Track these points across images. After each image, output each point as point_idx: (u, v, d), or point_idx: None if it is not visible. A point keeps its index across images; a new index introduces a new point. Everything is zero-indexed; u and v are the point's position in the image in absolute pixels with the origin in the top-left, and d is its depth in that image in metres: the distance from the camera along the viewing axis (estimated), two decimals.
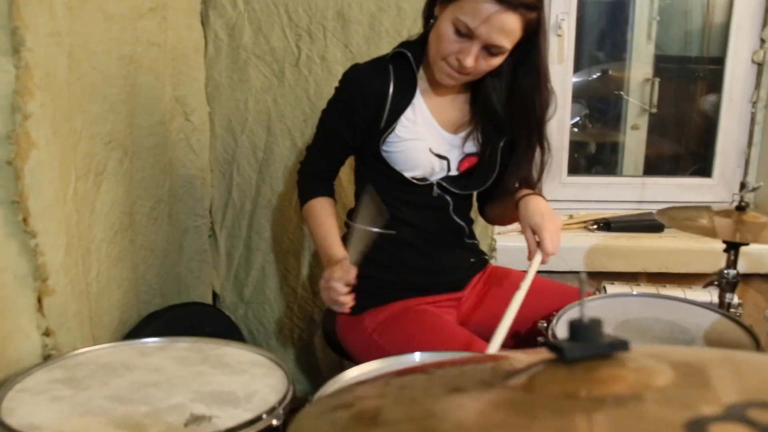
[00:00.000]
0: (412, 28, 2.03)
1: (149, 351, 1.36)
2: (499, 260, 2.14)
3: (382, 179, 1.56)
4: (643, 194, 2.38)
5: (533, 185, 1.62)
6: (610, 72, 2.46)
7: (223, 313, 2.17)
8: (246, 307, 2.27)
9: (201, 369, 1.28)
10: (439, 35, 1.40)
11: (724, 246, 1.77)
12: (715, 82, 2.37)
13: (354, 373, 1.21)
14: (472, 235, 1.71)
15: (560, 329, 1.44)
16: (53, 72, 1.32)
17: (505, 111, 1.55)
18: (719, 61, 2.33)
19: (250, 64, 2.07)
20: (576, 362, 0.65)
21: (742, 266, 1.95)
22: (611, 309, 1.57)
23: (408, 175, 1.53)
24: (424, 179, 1.55)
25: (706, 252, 2.22)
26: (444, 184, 1.57)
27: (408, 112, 1.51)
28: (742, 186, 1.71)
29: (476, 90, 1.57)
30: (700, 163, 2.45)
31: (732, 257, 1.72)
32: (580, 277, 0.73)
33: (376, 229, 1.45)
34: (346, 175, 2.13)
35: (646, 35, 2.40)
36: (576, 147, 2.47)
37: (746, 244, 1.71)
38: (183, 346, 1.39)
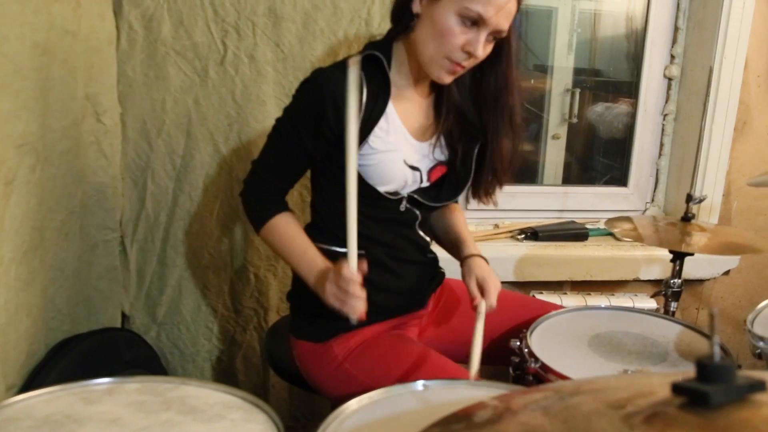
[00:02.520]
0: (349, 28, 1.92)
1: (96, 396, 1.15)
2: None
3: (359, 196, 1.39)
4: (565, 203, 2.40)
5: (498, 187, 1.58)
6: (531, 81, 2.47)
7: (140, 337, 1.94)
8: (159, 328, 2.05)
9: (167, 417, 1.08)
10: (441, 31, 1.28)
11: (654, 260, 1.81)
12: (627, 96, 2.44)
13: (354, 407, 1.08)
14: (431, 250, 1.63)
15: (535, 346, 1.39)
16: None
17: (472, 112, 1.46)
18: (636, 75, 2.40)
19: (169, 61, 1.87)
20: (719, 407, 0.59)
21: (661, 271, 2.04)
22: (580, 323, 1.55)
23: (382, 189, 1.40)
24: (395, 193, 1.43)
25: (628, 260, 2.28)
26: (415, 196, 1.46)
27: (382, 122, 1.37)
28: (689, 198, 1.74)
29: (439, 93, 1.47)
30: (614, 172, 2.51)
31: (677, 267, 1.75)
32: (712, 312, 0.67)
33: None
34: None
35: (567, 46, 2.42)
36: None
37: (691, 254, 1.74)
38: (134, 387, 1.18)
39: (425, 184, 1.47)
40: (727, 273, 2.46)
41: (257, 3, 1.86)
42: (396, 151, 1.40)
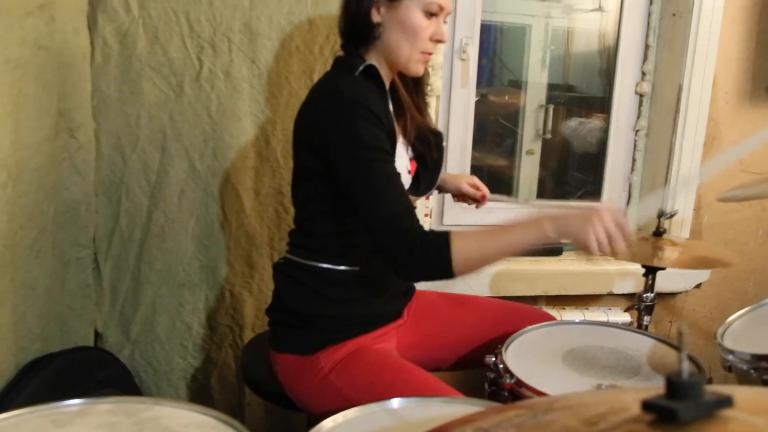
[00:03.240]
0: (324, 45, 1.93)
1: (66, 419, 1.13)
2: None
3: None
4: None
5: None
6: (506, 97, 2.50)
7: (113, 355, 1.92)
8: (132, 346, 2.02)
9: None
10: (411, 29, 1.38)
11: (628, 274, 1.83)
12: (601, 112, 2.48)
13: (329, 425, 1.08)
14: None
15: (510, 362, 1.40)
16: None
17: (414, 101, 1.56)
18: (608, 91, 2.43)
19: (144, 77, 1.86)
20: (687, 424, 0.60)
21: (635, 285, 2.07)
22: (554, 338, 1.56)
23: None
24: None
25: (601, 274, 2.31)
26: None
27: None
28: (661, 213, 1.77)
29: (392, 92, 1.52)
30: (588, 187, 2.54)
31: (650, 281, 1.77)
32: (680, 329, 0.68)
33: None
34: (250, 200, 1.97)
35: (540, 62, 2.45)
36: (472, 171, 2.47)
37: (663, 269, 1.76)
38: (106, 408, 1.16)
39: (409, 180, 1.53)
40: (698, 286, 2.50)
41: (233, 19, 1.87)
42: (401, 156, 1.46)
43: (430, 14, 1.39)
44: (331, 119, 1.33)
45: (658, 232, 1.78)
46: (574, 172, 2.61)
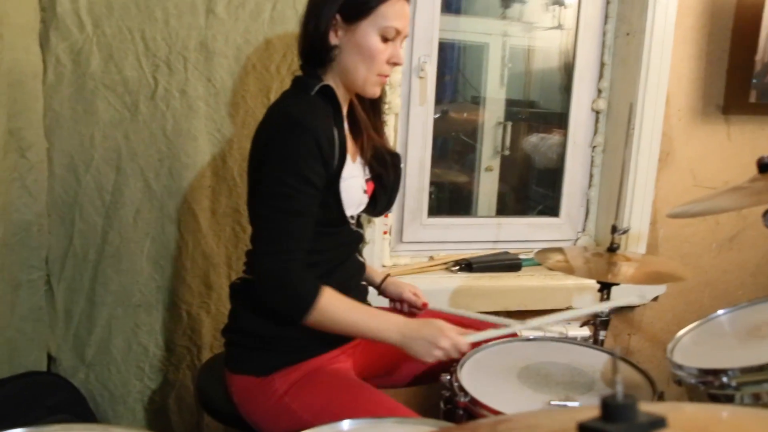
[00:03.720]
0: (281, 63, 1.93)
1: None
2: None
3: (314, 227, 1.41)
4: (499, 234, 2.44)
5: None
6: (465, 114, 2.52)
7: (65, 380, 1.88)
8: (87, 370, 1.98)
9: None
10: (368, 52, 1.40)
11: (586, 288, 1.85)
12: (560, 128, 2.51)
13: None
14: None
15: (465, 380, 1.40)
16: None
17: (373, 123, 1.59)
18: (565, 108, 2.47)
19: (98, 95, 1.84)
20: None
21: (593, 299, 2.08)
22: (510, 355, 1.56)
23: (349, 214, 1.47)
24: (352, 216, 1.51)
25: (560, 289, 2.33)
26: (360, 215, 1.55)
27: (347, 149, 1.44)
28: (614, 229, 1.79)
29: (349, 113, 1.55)
30: (548, 203, 2.57)
31: (605, 296, 1.79)
32: (613, 353, 0.69)
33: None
34: (207, 220, 1.96)
35: (498, 80, 2.48)
36: (433, 188, 2.49)
37: (617, 284, 1.79)
38: None
39: (366, 200, 1.55)
40: (656, 299, 2.54)
41: (189, 37, 1.86)
42: (355, 176, 1.48)
43: (387, 38, 1.41)
44: (273, 138, 1.36)
45: (612, 248, 1.81)
46: (535, 188, 2.64)
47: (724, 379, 1.19)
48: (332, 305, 1.34)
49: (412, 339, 1.35)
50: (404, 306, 1.73)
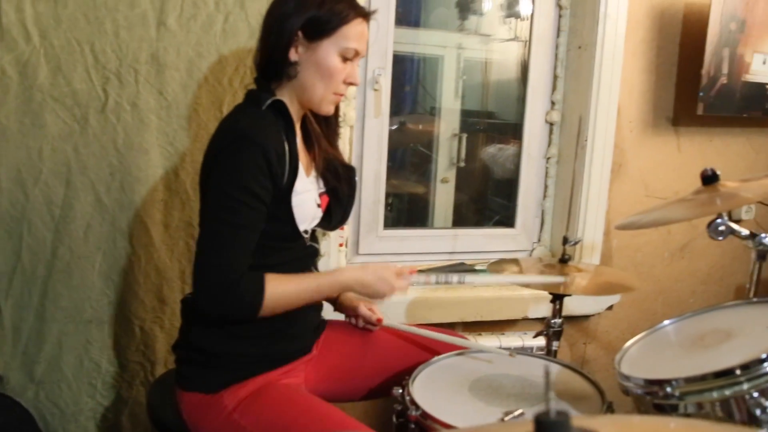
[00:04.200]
0: (234, 76, 1.92)
1: None
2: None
3: (266, 241, 1.41)
4: (455, 245, 2.46)
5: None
6: (420, 126, 2.53)
7: (11, 399, 1.84)
8: (37, 388, 1.94)
9: None
10: (327, 71, 1.42)
11: (541, 298, 1.87)
12: (516, 139, 2.54)
13: None
14: None
15: (417, 393, 1.41)
16: None
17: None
18: (520, 119, 2.50)
19: (47, 108, 1.81)
20: None
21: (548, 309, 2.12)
22: (462, 367, 1.57)
23: (302, 228, 1.47)
24: (306, 231, 1.51)
25: (516, 299, 2.35)
26: (315, 229, 1.56)
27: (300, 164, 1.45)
28: (565, 240, 1.82)
29: (303, 127, 1.57)
30: (503, 213, 2.59)
31: (558, 307, 1.81)
32: (547, 370, 0.70)
33: None
34: (160, 234, 1.94)
35: (453, 92, 2.50)
36: (390, 199, 2.50)
37: (569, 296, 1.81)
38: None
39: (320, 214, 1.55)
40: (610, 308, 2.57)
41: (139, 50, 1.84)
42: (308, 190, 1.49)
43: (346, 58, 1.44)
44: (221, 151, 1.36)
45: (564, 259, 1.83)
46: (493, 198, 2.67)
47: (668, 389, 1.21)
48: (279, 292, 1.36)
49: (369, 281, 1.45)
50: (359, 321, 1.72)
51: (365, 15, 1.46)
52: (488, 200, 2.68)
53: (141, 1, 1.81)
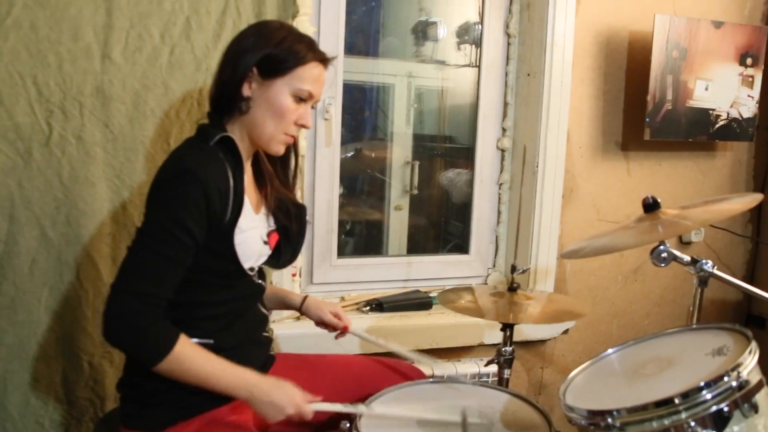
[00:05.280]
0: (180, 108, 1.91)
1: None
2: (281, 348, 2.07)
3: (210, 277, 1.41)
4: (409, 272, 2.46)
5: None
6: (372, 154, 2.54)
7: None
8: None
9: None
10: (278, 111, 1.42)
11: (497, 324, 1.88)
12: (468, 166, 2.56)
13: None
14: (269, 327, 1.66)
15: (364, 428, 1.40)
16: None
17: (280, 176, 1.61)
18: (472, 146, 2.52)
19: None
20: None
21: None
22: (412, 398, 1.57)
23: (247, 266, 1.46)
24: (251, 268, 1.50)
25: (471, 326, 2.36)
26: (263, 267, 1.56)
27: (246, 201, 1.44)
28: (513, 269, 1.83)
29: (255, 164, 1.57)
30: (456, 240, 2.61)
31: (508, 335, 1.82)
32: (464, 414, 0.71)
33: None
34: (108, 268, 1.91)
35: (405, 120, 2.52)
36: (346, 226, 2.50)
37: (518, 324, 1.82)
38: None
39: (268, 252, 1.55)
40: (566, 332, 2.60)
41: (84, 83, 1.82)
42: (255, 227, 1.48)
43: (300, 99, 1.44)
44: (162, 182, 1.36)
45: (512, 288, 1.84)
46: (452, 222, 2.68)
47: (609, 420, 1.22)
48: (188, 355, 1.31)
49: (261, 402, 1.35)
50: (327, 329, 1.75)
51: (323, 60, 1.47)
52: (448, 225, 2.69)
53: (84, 34, 1.79)
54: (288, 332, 2.09)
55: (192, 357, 1.32)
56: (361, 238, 2.59)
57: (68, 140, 1.83)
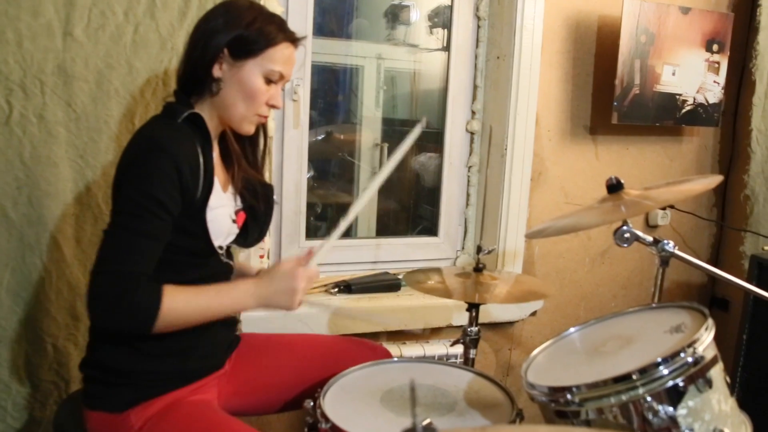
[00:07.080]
0: (145, 88, 1.88)
1: None
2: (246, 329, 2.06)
3: (179, 256, 1.39)
4: (378, 254, 2.46)
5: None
6: (342, 136, 2.53)
7: None
8: None
9: None
10: (250, 92, 1.42)
11: (465, 305, 1.89)
12: (439, 148, 2.56)
13: None
14: None
15: (327, 406, 1.40)
16: None
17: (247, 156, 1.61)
18: (441, 129, 2.52)
19: None
20: None
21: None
22: (375, 378, 1.57)
23: (217, 244, 1.46)
24: (220, 246, 1.50)
25: (439, 307, 2.36)
26: (231, 246, 1.55)
27: (215, 179, 1.43)
28: (479, 249, 1.84)
29: (222, 144, 1.56)
30: (426, 223, 2.61)
31: (474, 315, 1.83)
32: (412, 385, 0.71)
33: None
34: (72, 249, 1.88)
35: (374, 102, 2.51)
36: (317, 208, 2.50)
37: (484, 304, 1.83)
38: None
39: (236, 231, 1.55)
40: (534, 314, 2.62)
41: (45, 61, 1.78)
42: (224, 206, 1.48)
43: (271, 80, 1.44)
44: (132, 160, 1.34)
45: (478, 268, 1.85)
46: (424, 206, 2.68)
47: (569, 396, 1.23)
48: (178, 303, 1.29)
49: (270, 298, 1.39)
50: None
51: (294, 40, 1.47)
52: (418, 208, 2.69)
53: (45, 10, 1.76)
54: (254, 314, 2.08)
55: (182, 302, 1.30)
56: (334, 219, 2.58)
57: (29, 119, 1.80)
